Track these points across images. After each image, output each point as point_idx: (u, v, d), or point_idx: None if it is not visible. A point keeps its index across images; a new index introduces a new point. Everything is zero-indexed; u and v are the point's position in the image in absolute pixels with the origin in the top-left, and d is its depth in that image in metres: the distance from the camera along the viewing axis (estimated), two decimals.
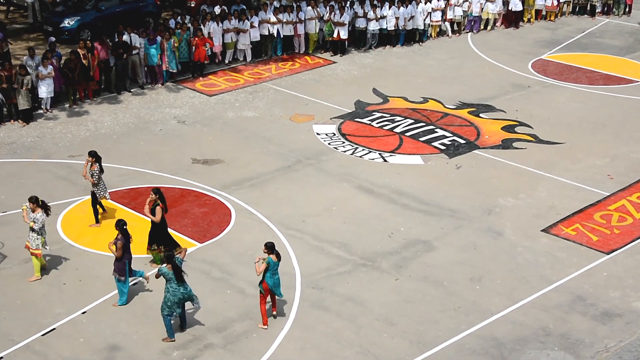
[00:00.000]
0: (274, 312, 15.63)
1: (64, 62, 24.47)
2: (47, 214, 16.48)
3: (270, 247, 15.09)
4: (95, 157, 18.07)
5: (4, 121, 23.49)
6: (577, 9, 35.82)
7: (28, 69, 23.70)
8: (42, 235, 16.37)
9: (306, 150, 22.51)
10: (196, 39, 26.87)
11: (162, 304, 14.76)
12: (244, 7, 29.59)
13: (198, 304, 14.93)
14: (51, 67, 23.83)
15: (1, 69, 23.29)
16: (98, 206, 18.57)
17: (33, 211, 16.28)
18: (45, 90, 23.92)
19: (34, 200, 16.29)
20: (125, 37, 25.67)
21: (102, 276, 16.65)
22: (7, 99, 23.43)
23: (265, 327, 15.30)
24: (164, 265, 14.67)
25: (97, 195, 18.26)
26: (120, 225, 15.81)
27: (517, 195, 20.39)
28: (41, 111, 24.21)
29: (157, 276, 14.79)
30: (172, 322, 14.87)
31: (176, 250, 16.26)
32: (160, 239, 16.93)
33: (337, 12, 29.50)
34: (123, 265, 15.71)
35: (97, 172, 18.05)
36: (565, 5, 35.47)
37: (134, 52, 25.92)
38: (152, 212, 16.77)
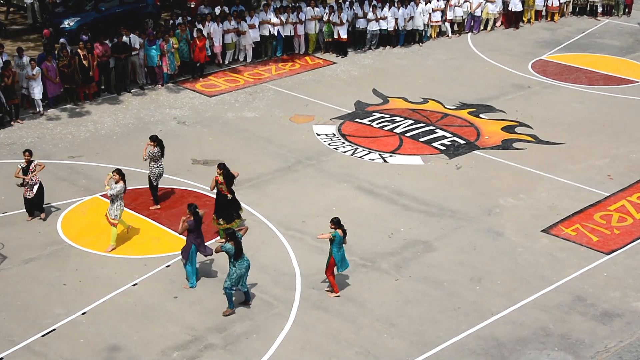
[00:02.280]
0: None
1: (58, 60, 24.42)
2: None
3: (336, 222, 15.84)
4: (156, 141, 19.01)
5: (10, 123, 23.51)
6: (577, 10, 35.84)
7: (17, 68, 23.77)
8: (121, 206, 17.32)
9: (306, 150, 22.52)
10: (196, 40, 26.88)
11: (226, 277, 15.38)
12: (243, 8, 29.62)
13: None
14: (38, 68, 23.81)
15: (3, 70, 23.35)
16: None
17: (116, 182, 17.28)
18: (38, 91, 23.90)
19: (119, 172, 17.36)
20: (124, 39, 25.67)
21: (102, 277, 16.67)
22: (9, 100, 23.46)
23: (338, 294, 16.19)
24: (228, 242, 15.28)
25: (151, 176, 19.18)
26: (192, 208, 16.33)
27: (517, 195, 20.39)
28: (45, 111, 24.28)
29: (218, 250, 15.41)
30: (233, 295, 15.60)
31: (236, 227, 17.33)
32: (222, 212, 17.65)
33: (336, 12, 29.52)
34: (188, 248, 16.25)
35: (157, 153, 18.97)
36: (566, 6, 35.49)
37: (133, 53, 25.93)
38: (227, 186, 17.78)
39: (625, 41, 32.84)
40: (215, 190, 17.94)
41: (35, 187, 18.47)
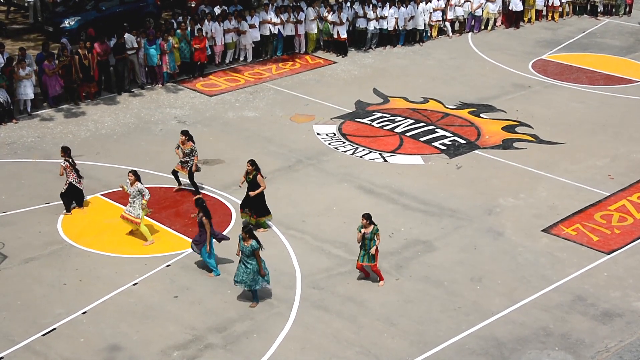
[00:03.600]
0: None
1: (58, 62, 24.39)
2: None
3: (369, 217, 16.24)
4: (187, 135, 19.54)
5: (5, 121, 23.50)
6: (577, 9, 35.83)
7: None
8: (141, 204, 17.64)
9: (306, 150, 22.51)
10: (196, 39, 26.87)
11: (257, 277, 15.53)
12: (242, 7, 29.61)
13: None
14: (29, 68, 23.79)
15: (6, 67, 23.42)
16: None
17: (132, 184, 17.46)
18: (25, 92, 23.87)
19: (134, 173, 17.66)
20: (127, 37, 25.60)
21: (103, 276, 16.67)
22: (12, 97, 23.52)
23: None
24: (248, 239, 15.59)
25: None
26: (200, 203, 16.69)
27: (518, 195, 20.39)
28: (44, 111, 24.28)
29: (256, 252, 15.51)
30: None
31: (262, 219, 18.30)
32: (255, 205, 18.06)
33: (336, 12, 29.52)
34: (204, 240, 16.61)
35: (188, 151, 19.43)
36: (567, 6, 35.47)
37: (130, 52, 25.86)
38: (253, 183, 18.02)
39: (626, 41, 32.84)
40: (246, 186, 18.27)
41: (66, 185, 18.79)
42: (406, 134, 23.66)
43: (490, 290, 16.65)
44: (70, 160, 18.67)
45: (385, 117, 24.86)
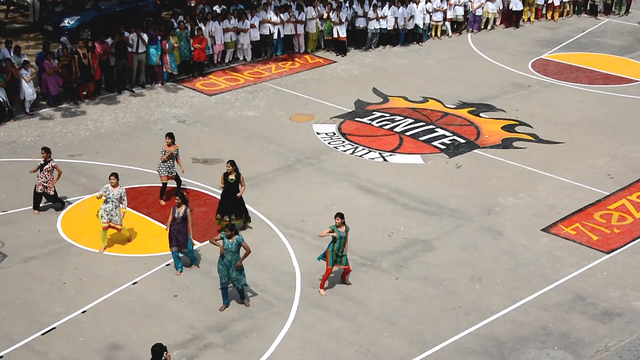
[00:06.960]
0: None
1: (58, 61, 24.39)
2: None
3: (343, 217, 16.11)
4: (172, 138, 19.14)
5: (5, 120, 23.50)
6: (575, 7, 35.84)
7: (16, 65, 23.81)
8: (121, 207, 17.33)
9: (306, 149, 22.52)
10: (195, 39, 26.86)
11: (243, 277, 15.59)
12: (242, 7, 29.60)
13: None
14: (32, 69, 23.77)
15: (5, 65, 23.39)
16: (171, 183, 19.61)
17: (114, 186, 17.16)
18: (30, 93, 23.87)
19: (116, 176, 17.31)
20: (133, 36, 25.52)
21: (102, 275, 16.67)
22: (10, 96, 23.52)
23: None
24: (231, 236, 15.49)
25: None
26: (183, 195, 16.91)
27: (517, 194, 20.39)
28: (43, 111, 24.27)
29: (243, 244, 15.56)
30: None
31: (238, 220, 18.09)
32: (235, 208, 17.96)
33: (335, 11, 29.52)
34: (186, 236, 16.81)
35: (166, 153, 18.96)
36: (569, 5, 35.46)
37: (141, 51, 25.82)
38: (235, 185, 17.79)
39: (625, 40, 32.86)
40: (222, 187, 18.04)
41: (50, 189, 18.58)
42: (406, 134, 23.67)
43: (489, 290, 16.66)
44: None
45: (385, 116, 24.87)
